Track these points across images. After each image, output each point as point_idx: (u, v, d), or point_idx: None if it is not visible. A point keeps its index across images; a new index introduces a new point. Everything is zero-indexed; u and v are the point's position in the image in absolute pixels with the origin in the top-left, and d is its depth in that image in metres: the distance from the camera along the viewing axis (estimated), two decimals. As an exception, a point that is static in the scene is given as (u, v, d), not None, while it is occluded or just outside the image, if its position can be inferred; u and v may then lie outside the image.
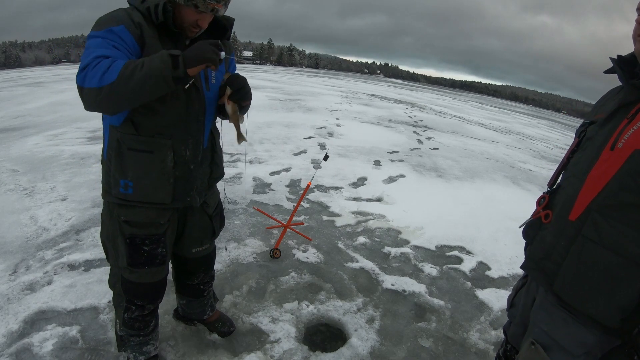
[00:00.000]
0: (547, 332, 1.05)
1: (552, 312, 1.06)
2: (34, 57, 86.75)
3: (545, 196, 1.15)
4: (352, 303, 2.19)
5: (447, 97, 33.12)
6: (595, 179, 0.96)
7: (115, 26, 1.11)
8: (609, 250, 0.91)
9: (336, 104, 11.88)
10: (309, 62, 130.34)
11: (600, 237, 0.93)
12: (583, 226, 0.96)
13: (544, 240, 1.09)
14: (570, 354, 1.00)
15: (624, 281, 0.90)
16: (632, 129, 0.91)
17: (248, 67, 43.19)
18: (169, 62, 1.04)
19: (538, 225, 1.14)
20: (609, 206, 0.93)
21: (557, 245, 1.03)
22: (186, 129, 1.29)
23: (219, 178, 1.54)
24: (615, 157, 0.93)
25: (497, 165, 6.36)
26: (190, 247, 1.56)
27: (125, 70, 1.02)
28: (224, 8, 1.21)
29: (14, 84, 14.63)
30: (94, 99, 1.05)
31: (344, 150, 5.80)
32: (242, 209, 3.32)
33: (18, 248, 2.45)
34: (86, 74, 1.04)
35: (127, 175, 1.26)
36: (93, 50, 1.07)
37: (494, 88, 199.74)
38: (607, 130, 0.99)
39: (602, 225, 0.93)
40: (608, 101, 1.11)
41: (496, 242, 3.24)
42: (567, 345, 1.01)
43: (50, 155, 4.49)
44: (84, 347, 1.71)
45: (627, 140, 0.91)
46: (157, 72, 1.03)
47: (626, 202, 0.90)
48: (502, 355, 1.49)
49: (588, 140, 1.06)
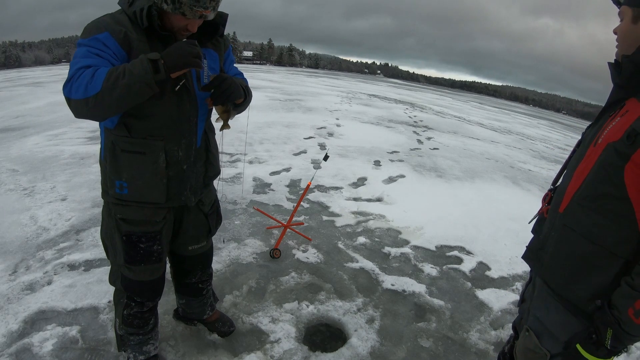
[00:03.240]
0: (539, 318, 1.11)
1: (546, 300, 1.11)
2: (34, 57, 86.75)
3: (549, 193, 1.23)
4: (352, 303, 2.19)
5: (447, 97, 33.13)
6: (579, 173, 1.05)
7: (99, 34, 1.12)
8: (585, 239, 0.98)
9: (336, 104, 11.88)
10: (309, 62, 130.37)
11: (579, 226, 1.00)
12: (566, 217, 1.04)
13: (541, 232, 1.17)
14: (557, 340, 1.06)
15: (598, 269, 0.96)
16: (611, 124, 1.00)
17: (248, 67, 43.17)
18: (149, 67, 1.06)
19: (542, 220, 1.22)
20: (586, 197, 1.00)
21: (549, 236, 1.11)
22: (178, 130, 1.30)
23: (214, 177, 1.55)
24: (595, 151, 1.01)
25: (497, 166, 6.36)
26: (187, 245, 1.57)
27: (109, 80, 1.04)
28: (213, 13, 1.20)
29: (13, 84, 14.64)
30: (82, 109, 1.09)
31: (344, 151, 5.80)
32: (242, 209, 3.32)
33: (18, 248, 2.45)
34: (71, 85, 1.07)
35: (121, 176, 1.28)
36: (77, 61, 1.10)
37: (494, 88, 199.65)
38: (595, 129, 1.08)
39: (580, 216, 1.00)
40: None
41: (496, 242, 3.24)
42: (556, 332, 1.06)
43: (50, 155, 4.49)
44: (84, 347, 1.71)
45: (605, 136, 0.99)
46: (139, 79, 1.05)
47: (600, 193, 0.96)
48: (508, 352, 1.51)
49: (584, 141, 1.14)
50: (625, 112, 0.98)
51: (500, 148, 8.54)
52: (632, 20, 1.01)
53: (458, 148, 7.41)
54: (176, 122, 1.28)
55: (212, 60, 1.35)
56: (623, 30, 1.03)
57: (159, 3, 1.14)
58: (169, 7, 1.14)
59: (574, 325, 1.02)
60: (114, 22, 1.15)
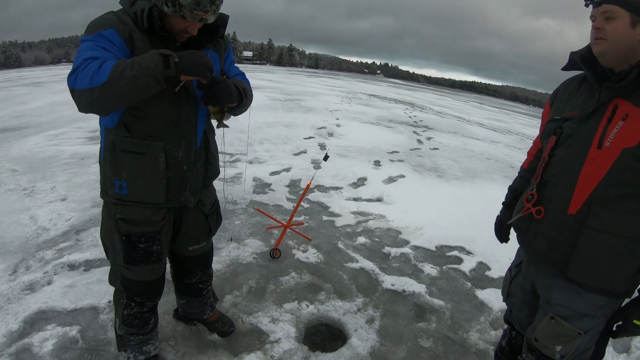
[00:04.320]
0: (565, 305, 1.19)
1: (565, 288, 1.19)
2: (34, 57, 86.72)
3: (534, 193, 1.24)
4: (352, 303, 2.19)
5: (447, 97, 33.13)
6: (589, 176, 1.09)
7: (104, 30, 1.12)
8: (612, 234, 1.07)
9: (336, 104, 11.88)
10: (309, 62, 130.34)
11: (604, 226, 1.08)
12: (587, 219, 1.10)
13: (542, 234, 1.20)
14: (589, 316, 1.16)
15: (627, 256, 1.08)
16: (615, 128, 1.05)
17: (248, 67, 43.18)
18: (160, 61, 1.05)
19: (529, 220, 1.25)
20: (606, 199, 1.07)
21: (560, 238, 1.15)
22: (177, 130, 1.30)
23: (214, 177, 1.55)
24: (605, 156, 1.07)
25: (497, 166, 6.36)
26: (187, 245, 1.57)
27: (116, 70, 1.03)
28: (213, 16, 1.20)
29: (13, 84, 14.64)
30: (86, 99, 1.06)
31: (344, 151, 5.80)
32: (242, 209, 3.32)
33: (18, 248, 2.45)
34: (77, 76, 1.05)
35: (121, 176, 1.28)
36: (83, 53, 1.09)
37: (494, 88, 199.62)
38: (587, 129, 1.12)
39: (604, 216, 1.08)
40: (573, 96, 1.23)
41: (496, 242, 3.22)
42: (586, 310, 1.16)
43: (50, 155, 4.49)
44: (84, 347, 1.71)
45: (613, 140, 1.05)
46: (148, 71, 1.04)
47: (621, 194, 1.06)
48: (507, 345, 1.55)
49: (569, 138, 1.16)
50: (625, 116, 1.04)
51: (500, 148, 8.54)
52: (630, 25, 1.03)
53: (458, 148, 7.40)
54: (176, 123, 1.29)
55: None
56: (617, 33, 1.04)
57: (159, 5, 1.15)
58: (170, 10, 1.14)
59: (601, 301, 1.15)
60: (119, 20, 1.16)
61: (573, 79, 1.30)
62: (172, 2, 1.12)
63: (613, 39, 1.05)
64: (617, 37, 1.04)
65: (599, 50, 1.09)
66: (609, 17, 1.05)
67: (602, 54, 1.09)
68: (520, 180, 1.54)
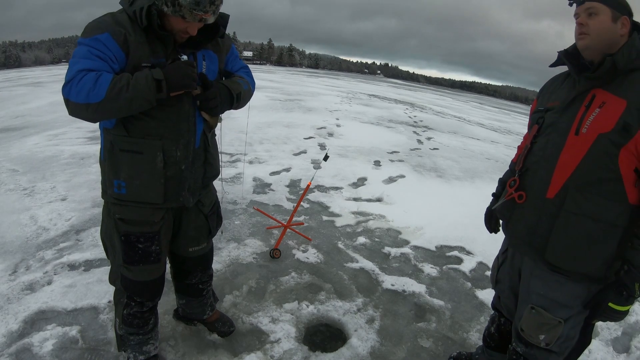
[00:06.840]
0: (544, 294, 1.23)
1: (545, 277, 1.23)
2: (34, 57, 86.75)
3: (516, 179, 1.29)
4: (352, 303, 2.19)
5: (447, 97, 33.14)
6: (566, 161, 1.14)
7: (100, 34, 1.13)
8: (589, 218, 1.11)
9: (336, 104, 11.88)
10: (309, 62, 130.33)
11: (581, 209, 1.12)
12: (564, 203, 1.14)
13: (524, 218, 1.25)
14: (568, 307, 1.20)
15: (604, 240, 1.11)
16: (592, 115, 1.11)
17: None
18: (153, 86, 1.13)
19: (512, 205, 1.29)
20: (583, 183, 1.12)
21: (540, 222, 1.20)
22: (176, 130, 1.30)
23: (213, 177, 1.55)
24: (582, 141, 1.12)
25: (497, 166, 6.36)
26: (187, 246, 1.57)
27: (112, 90, 1.09)
28: (213, 16, 1.21)
29: (14, 84, 14.63)
30: (81, 112, 1.14)
31: (344, 151, 5.80)
32: (242, 209, 3.32)
33: (18, 248, 2.45)
34: (71, 87, 1.10)
35: (119, 175, 1.29)
36: (78, 61, 1.12)
37: (494, 88, 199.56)
38: (567, 117, 1.17)
39: (580, 200, 1.12)
40: (557, 89, 1.29)
41: (496, 242, 3.22)
42: (565, 301, 1.20)
43: (50, 155, 4.49)
44: (84, 347, 1.71)
45: (590, 126, 1.10)
46: (142, 95, 1.13)
47: (597, 178, 1.10)
48: (495, 332, 1.57)
49: (550, 127, 1.22)
50: (602, 104, 1.10)
51: (500, 148, 8.54)
52: (611, 19, 1.11)
53: (458, 148, 7.40)
54: (174, 122, 1.29)
55: (210, 62, 1.35)
56: (600, 28, 1.12)
57: (159, 4, 1.15)
58: (169, 10, 1.14)
59: (581, 290, 1.18)
60: (115, 23, 1.16)
61: (559, 75, 1.37)
62: (171, 2, 1.13)
63: (596, 33, 1.12)
64: (600, 32, 1.12)
65: (583, 44, 1.15)
66: (592, 13, 1.12)
67: (585, 48, 1.15)
68: (509, 173, 1.57)
